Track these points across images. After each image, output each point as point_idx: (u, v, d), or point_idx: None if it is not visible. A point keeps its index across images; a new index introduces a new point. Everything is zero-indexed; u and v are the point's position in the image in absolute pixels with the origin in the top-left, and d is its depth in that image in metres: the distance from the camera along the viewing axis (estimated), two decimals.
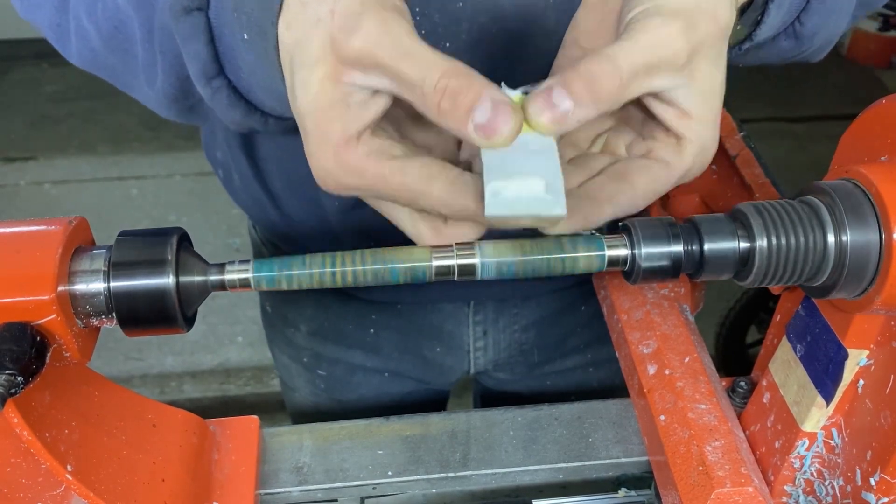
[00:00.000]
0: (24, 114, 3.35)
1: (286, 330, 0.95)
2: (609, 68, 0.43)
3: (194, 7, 0.50)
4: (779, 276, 0.46)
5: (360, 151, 0.44)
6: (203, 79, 0.53)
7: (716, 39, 0.46)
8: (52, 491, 0.50)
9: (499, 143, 0.42)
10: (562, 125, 0.43)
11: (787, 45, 0.60)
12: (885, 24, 3.37)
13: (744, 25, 0.56)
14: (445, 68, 0.42)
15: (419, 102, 0.43)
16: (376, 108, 0.44)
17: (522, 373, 0.96)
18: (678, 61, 0.45)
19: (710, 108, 0.47)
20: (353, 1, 0.43)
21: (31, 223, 0.45)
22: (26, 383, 0.41)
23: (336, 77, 0.43)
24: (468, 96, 0.41)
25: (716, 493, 0.53)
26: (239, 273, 0.44)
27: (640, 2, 0.46)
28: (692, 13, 0.45)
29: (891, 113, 0.46)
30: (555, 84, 0.43)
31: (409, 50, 0.42)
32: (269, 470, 0.63)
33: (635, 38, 0.44)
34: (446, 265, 0.45)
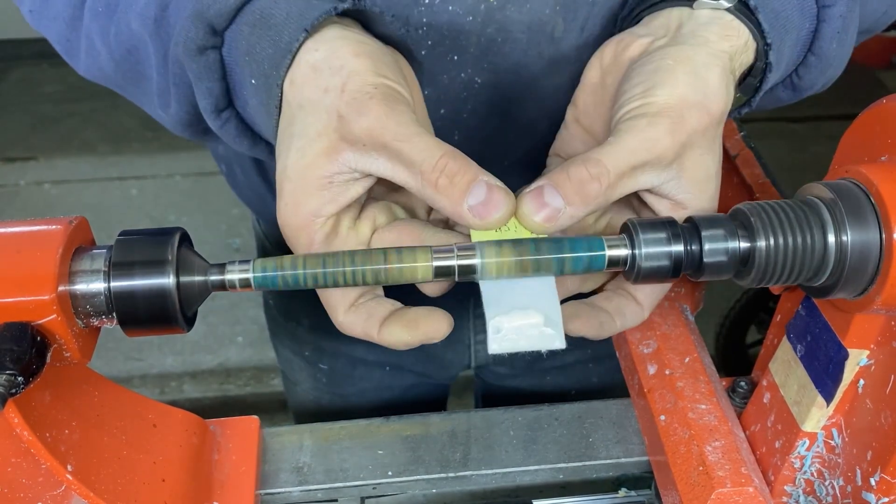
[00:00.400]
0: (24, 114, 3.36)
1: (288, 324, 0.95)
2: (596, 171, 0.45)
3: (209, 46, 0.51)
4: (779, 276, 0.46)
5: (317, 237, 0.47)
6: (213, 112, 0.54)
7: (707, 129, 0.48)
8: (52, 491, 0.50)
9: (491, 224, 0.45)
10: (553, 224, 0.46)
11: (785, 96, 0.61)
12: None
13: (743, 94, 0.57)
14: (445, 150, 0.45)
15: (415, 182, 0.45)
16: (355, 192, 0.47)
17: (523, 368, 0.96)
18: (665, 160, 0.47)
19: (703, 196, 0.50)
20: (365, 83, 0.46)
21: (31, 223, 0.45)
22: (27, 383, 0.41)
23: (333, 154, 0.46)
24: (465, 177, 0.44)
25: (716, 493, 0.53)
26: (239, 273, 0.44)
27: (629, 101, 0.48)
28: (678, 110, 0.47)
29: (891, 113, 0.46)
30: (545, 183, 0.46)
31: (414, 133, 0.45)
32: (269, 470, 0.63)
33: (622, 141, 0.46)
34: (447, 265, 0.45)
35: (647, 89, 0.48)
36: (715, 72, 0.49)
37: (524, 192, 0.46)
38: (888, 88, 3.39)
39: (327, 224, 0.47)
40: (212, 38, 0.50)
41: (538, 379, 0.97)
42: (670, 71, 0.48)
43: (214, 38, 0.51)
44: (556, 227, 0.46)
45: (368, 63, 0.46)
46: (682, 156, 0.48)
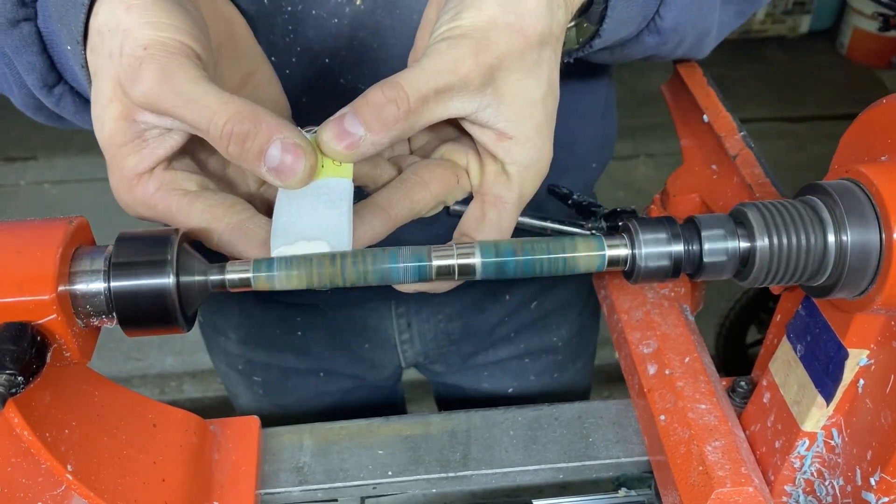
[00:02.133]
0: (24, 114, 3.35)
1: (218, 338, 0.94)
2: (392, 94, 0.43)
3: (21, 18, 0.50)
4: (779, 275, 0.46)
5: (151, 187, 0.46)
6: (44, 88, 0.53)
7: (524, 50, 0.46)
8: (52, 491, 0.50)
9: (294, 183, 0.43)
10: (355, 151, 0.44)
11: (652, 41, 0.59)
12: (884, 24, 3.36)
13: (590, 23, 0.55)
14: (231, 112, 0.42)
15: (212, 143, 0.43)
16: (171, 143, 0.46)
17: (457, 365, 0.95)
18: (471, 83, 0.45)
19: (527, 123, 0.47)
20: (136, 43, 0.43)
21: (31, 223, 0.45)
22: (27, 383, 0.41)
23: (128, 116, 0.44)
24: (257, 140, 0.42)
25: (716, 493, 0.53)
26: (239, 273, 0.44)
27: (439, 27, 0.47)
28: (485, 32, 0.45)
29: (891, 113, 0.46)
30: (347, 111, 0.44)
31: (192, 96, 0.42)
32: (269, 470, 0.63)
33: (422, 64, 0.45)
34: (447, 265, 0.45)
35: (455, 14, 0.46)
36: None
37: (326, 121, 0.44)
38: (888, 88, 3.39)
39: (154, 177, 0.46)
40: (21, 9, 0.49)
41: (475, 375, 0.96)
42: None
43: (25, 10, 0.50)
44: (359, 156, 0.44)
45: (140, 15, 0.43)
46: (496, 80, 0.46)
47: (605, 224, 0.67)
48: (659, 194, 0.80)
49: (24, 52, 0.51)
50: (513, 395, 0.98)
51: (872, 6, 3.27)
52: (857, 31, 3.50)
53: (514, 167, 0.48)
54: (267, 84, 0.53)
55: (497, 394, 0.98)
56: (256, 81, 0.53)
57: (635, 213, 0.68)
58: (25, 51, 0.50)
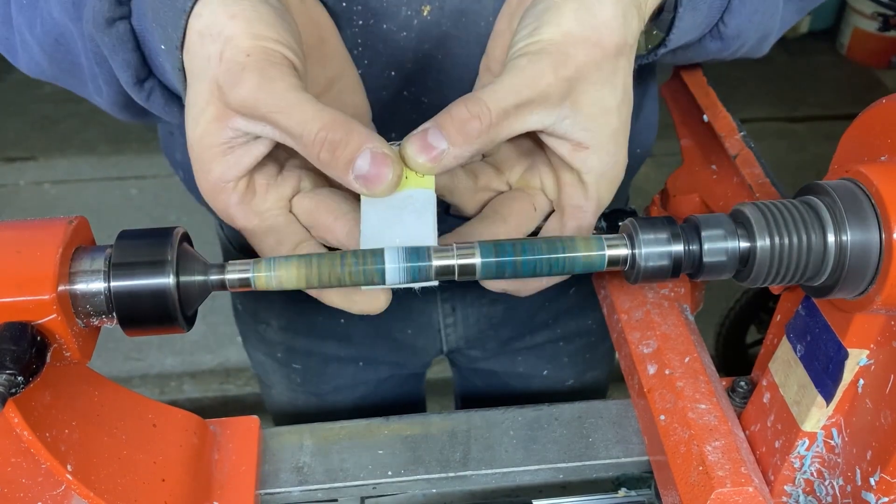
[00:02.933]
0: (24, 114, 3.35)
1: (258, 326, 0.95)
2: (476, 109, 0.45)
3: (117, 17, 0.51)
4: (779, 275, 0.46)
5: (232, 200, 0.48)
6: (136, 85, 0.53)
7: (600, 63, 0.47)
8: (52, 491, 0.50)
9: (380, 191, 0.45)
10: (438, 164, 0.45)
11: (714, 47, 0.60)
12: (885, 24, 3.37)
13: (659, 30, 0.56)
14: (325, 121, 0.43)
15: (303, 151, 0.45)
16: (258, 152, 0.47)
17: (494, 349, 0.96)
18: (551, 97, 0.46)
19: (603, 132, 0.49)
20: (238, 49, 0.44)
21: (31, 223, 0.45)
22: (27, 383, 0.41)
23: (222, 120, 0.45)
24: (348, 148, 0.43)
25: (716, 493, 0.53)
26: (239, 273, 0.44)
27: (517, 42, 0.48)
28: (562, 46, 0.46)
29: (891, 113, 0.46)
30: (430, 125, 0.45)
31: (290, 103, 0.44)
32: (269, 470, 0.63)
33: (503, 79, 0.46)
34: (447, 265, 0.45)
35: (534, 29, 0.47)
36: (607, 3, 0.48)
37: (410, 135, 0.46)
38: (888, 88, 3.39)
39: (239, 185, 0.48)
40: (118, 8, 0.50)
41: (510, 360, 0.98)
42: (556, 8, 0.47)
43: (121, 8, 0.51)
44: (442, 168, 0.46)
45: (243, 25, 0.45)
46: (574, 92, 0.47)
47: (605, 224, 0.67)
48: (659, 194, 0.80)
49: (119, 51, 0.52)
50: (546, 378, 0.99)
51: (872, 6, 3.28)
52: (857, 31, 3.50)
53: (591, 175, 0.49)
54: (351, 89, 0.54)
55: (532, 376, 0.99)
56: (341, 86, 0.54)
57: (635, 213, 0.68)
58: (121, 48, 0.51)
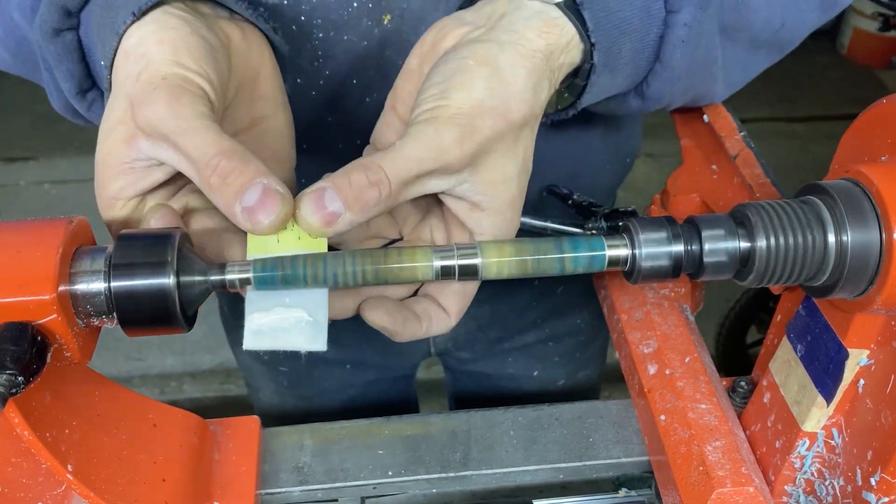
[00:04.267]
0: (24, 114, 3.35)
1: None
2: (375, 178, 0.44)
3: (64, 28, 0.51)
4: (779, 275, 0.46)
5: (118, 217, 0.48)
6: (78, 95, 0.54)
7: (506, 133, 0.47)
8: (52, 491, 0.50)
9: (262, 229, 0.43)
10: (332, 228, 0.44)
11: (637, 104, 0.59)
12: (885, 24, 3.37)
13: (570, 94, 0.55)
14: (223, 148, 0.43)
15: (196, 178, 0.44)
16: (155, 178, 0.47)
17: (483, 350, 0.96)
18: (452, 167, 0.46)
19: (501, 198, 0.48)
20: (156, 73, 0.45)
21: (31, 223, 0.45)
22: (27, 383, 0.41)
23: (129, 141, 0.46)
24: (240, 178, 0.43)
25: (716, 493, 0.53)
26: (239, 273, 0.44)
27: (425, 101, 0.47)
28: (471, 117, 0.46)
29: (891, 113, 0.46)
30: (327, 185, 0.44)
31: (193, 127, 0.44)
32: (269, 470, 0.63)
33: (407, 148, 0.45)
34: (448, 265, 0.45)
35: (443, 91, 0.46)
36: (520, 74, 0.47)
37: (304, 192, 0.45)
38: (888, 88, 3.39)
39: (129, 205, 0.48)
40: (66, 19, 0.51)
41: (500, 361, 0.97)
42: (469, 72, 0.47)
43: (70, 20, 0.51)
44: (334, 231, 0.44)
45: (168, 51, 0.45)
46: (476, 160, 0.47)
47: (605, 224, 0.67)
48: (659, 194, 0.80)
49: (64, 61, 0.52)
50: (537, 378, 0.99)
51: (872, 6, 3.28)
52: (857, 31, 3.50)
53: (483, 237, 0.49)
54: (276, 133, 0.54)
55: (522, 376, 0.99)
56: (265, 127, 0.53)
57: (635, 213, 0.68)
58: (66, 58, 0.52)
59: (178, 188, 0.50)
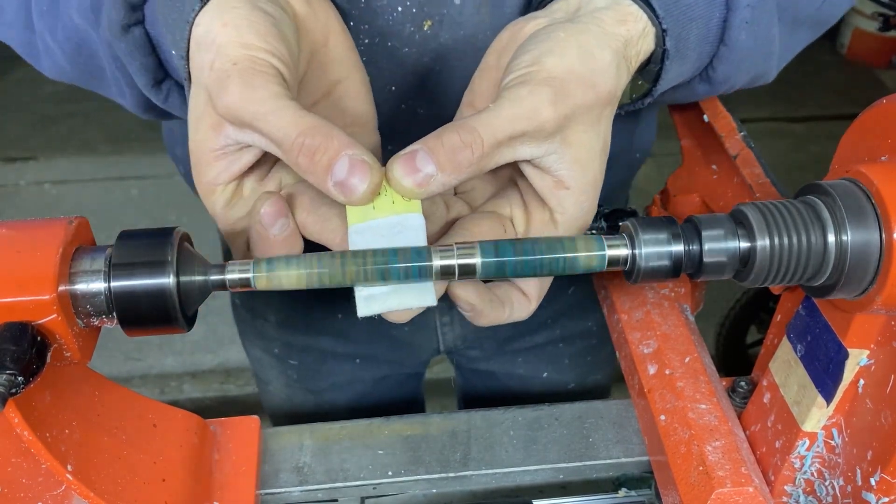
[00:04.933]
0: (24, 114, 3.35)
1: (255, 322, 0.95)
2: (469, 139, 0.44)
3: (132, 23, 0.52)
4: (779, 275, 0.46)
5: (219, 202, 0.49)
6: (154, 88, 0.55)
7: (593, 106, 0.47)
8: (52, 491, 0.50)
9: (357, 200, 0.44)
10: (424, 189, 0.44)
11: (703, 89, 0.60)
12: (885, 24, 3.36)
13: (645, 81, 0.56)
14: (304, 127, 0.43)
15: (285, 159, 0.45)
16: (246, 160, 0.48)
17: (493, 349, 0.96)
18: (545, 131, 0.46)
19: (586, 176, 0.48)
20: (226, 58, 0.45)
21: (31, 223, 0.45)
22: (27, 383, 0.41)
23: (218, 129, 0.46)
24: (326, 154, 0.43)
25: (716, 493, 0.53)
26: (239, 273, 0.44)
27: (516, 67, 0.47)
28: (564, 81, 0.46)
29: (891, 113, 0.46)
30: (419, 147, 0.44)
31: (271, 109, 0.44)
32: (269, 470, 0.63)
33: (501, 109, 0.45)
34: (448, 264, 0.45)
35: (536, 57, 0.47)
36: (606, 52, 0.48)
37: (397, 155, 0.45)
38: (888, 88, 3.39)
39: (227, 189, 0.49)
40: (132, 14, 0.51)
41: (510, 361, 0.97)
42: (561, 42, 0.47)
43: (135, 14, 0.52)
44: (427, 193, 0.45)
45: (233, 33, 0.45)
46: (565, 129, 0.47)
47: (605, 224, 0.67)
48: (659, 194, 0.80)
49: (136, 56, 0.53)
50: (546, 381, 0.98)
51: (872, 6, 3.27)
52: (857, 31, 3.50)
53: (563, 217, 0.49)
54: (353, 94, 0.54)
55: (531, 378, 0.98)
56: (342, 91, 0.53)
57: (635, 213, 0.68)
58: (137, 53, 0.53)
59: (270, 165, 0.51)
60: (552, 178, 0.48)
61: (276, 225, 0.47)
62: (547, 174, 0.48)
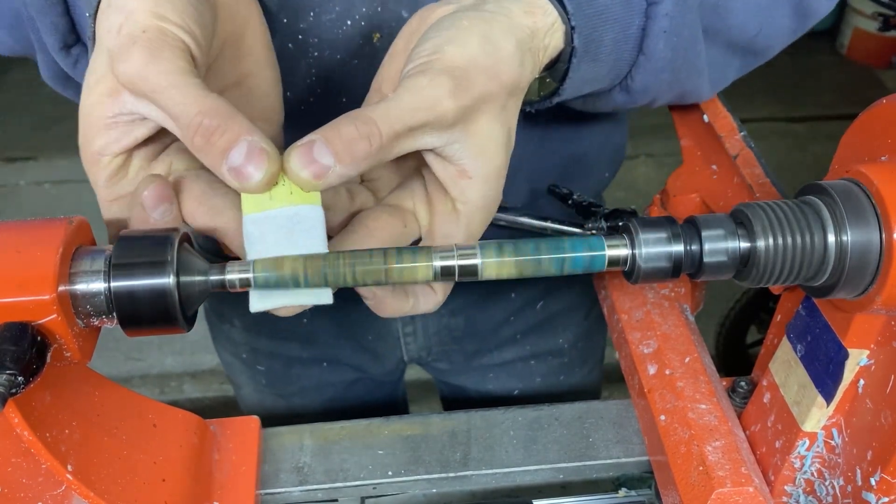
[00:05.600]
0: (24, 114, 3.36)
1: (223, 326, 0.94)
2: (366, 130, 0.43)
3: None
4: (779, 275, 0.46)
5: (102, 174, 0.47)
6: (62, 50, 0.53)
7: (496, 95, 0.47)
8: (52, 491, 0.50)
9: (251, 187, 0.43)
10: (322, 181, 0.43)
11: (622, 99, 0.59)
12: (885, 24, 3.36)
13: (553, 79, 0.55)
14: (205, 106, 0.42)
15: (181, 137, 0.43)
16: (139, 133, 0.46)
17: (461, 363, 0.95)
18: (445, 121, 0.45)
19: (490, 164, 0.48)
20: (136, 25, 0.43)
21: (31, 223, 0.45)
22: (27, 383, 0.41)
23: (113, 95, 0.45)
24: (224, 136, 0.42)
25: (716, 493, 0.53)
26: (239, 273, 0.44)
27: (417, 56, 0.46)
28: (465, 70, 0.45)
29: (891, 113, 0.46)
30: (316, 139, 0.43)
31: (173, 83, 0.42)
32: (269, 470, 0.63)
33: (400, 99, 0.44)
34: (448, 265, 0.45)
35: (438, 46, 0.46)
36: (510, 41, 0.47)
37: (294, 146, 0.43)
38: (888, 88, 3.39)
39: (114, 162, 0.47)
40: None
41: (480, 376, 0.96)
42: (464, 30, 0.47)
43: None
44: (325, 185, 0.44)
45: (149, 3, 0.44)
46: (468, 119, 0.46)
47: (605, 224, 0.67)
48: (659, 194, 0.80)
49: (48, 14, 0.51)
50: (518, 397, 0.97)
51: (872, 6, 3.27)
52: (857, 31, 3.50)
53: (466, 206, 0.48)
54: (263, 89, 0.53)
55: (502, 395, 0.97)
56: (252, 84, 0.52)
57: (635, 213, 0.68)
58: (49, 11, 0.51)
59: (163, 146, 0.49)
60: (455, 167, 0.47)
61: (157, 209, 0.45)
62: (450, 163, 0.47)
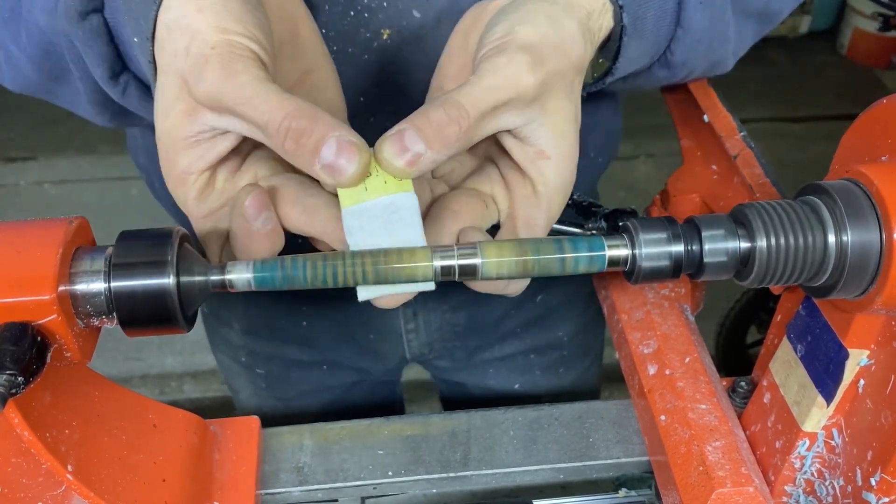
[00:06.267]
0: (24, 114, 3.35)
1: (221, 329, 0.94)
2: (455, 113, 0.44)
3: (89, 10, 0.51)
4: (779, 276, 0.46)
5: (191, 194, 0.47)
6: (111, 80, 0.53)
7: (566, 73, 0.48)
8: (52, 491, 0.50)
9: (346, 181, 0.44)
10: (415, 168, 0.44)
11: (663, 74, 0.61)
12: (885, 24, 3.37)
13: (605, 59, 0.56)
14: (289, 110, 0.43)
15: (269, 142, 0.44)
16: (223, 147, 0.47)
17: (462, 360, 0.95)
18: (526, 97, 0.46)
19: (566, 143, 0.48)
20: (204, 43, 0.44)
21: (31, 223, 0.45)
22: (27, 383, 0.41)
23: (192, 115, 0.45)
24: (313, 136, 0.43)
25: (716, 493, 0.53)
26: (239, 273, 0.44)
27: (489, 40, 0.47)
28: (539, 47, 0.46)
29: (891, 113, 0.46)
30: (406, 126, 0.44)
31: (254, 93, 0.43)
32: (269, 470, 0.63)
33: (482, 80, 0.45)
34: (448, 265, 0.45)
35: (509, 27, 0.47)
36: (573, 21, 0.48)
37: (385, 136, 0.44)
38: (888, 88, 3.39)
39: (200, 179, 0.47)
40: (90, 1, 0.50)
41: (480, 372, 0.96)
42: (531, 12, 0.47)
43: (93, 1, 0.51)
44: (418, 171, 0.44)
45: (210, 19, 0.44)
46: (543, 97, 0.47)
47: (605, 224, 0.67)
48: (659, 194, 0.80)
49: (93, 44, 0.51)
50: (519, 392, 0.97)
51: (872, 6, 3.28)
52: (857, 31, 3.50)
53: (545, 188, 0.49)
54: (324, 83, 0.53)
55: (502, 391, 0.97)
56: (314, 80, 0.53)
57: (635, 213, 0.68)
58: (95, 42, 0.51)
59: (243, 157, 0.50)
60: (533, 148, 0.48)
61: (259, 218, 0.46)
62: (528, 145, 0.48)
